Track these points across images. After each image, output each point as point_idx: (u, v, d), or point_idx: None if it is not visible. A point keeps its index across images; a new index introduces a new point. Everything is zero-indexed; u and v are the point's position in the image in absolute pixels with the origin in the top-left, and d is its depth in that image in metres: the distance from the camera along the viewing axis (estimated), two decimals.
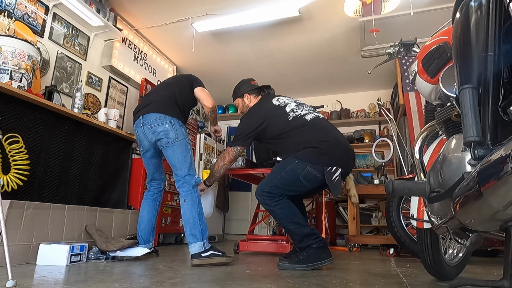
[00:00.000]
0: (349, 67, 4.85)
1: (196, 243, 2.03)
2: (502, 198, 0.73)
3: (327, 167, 2.02)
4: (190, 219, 2.09)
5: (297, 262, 1.91)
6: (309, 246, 1.95)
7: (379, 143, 3.77)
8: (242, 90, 2.48)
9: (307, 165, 2.00)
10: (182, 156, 2.17)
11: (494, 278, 0.97)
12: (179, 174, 2.18)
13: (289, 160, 2.07)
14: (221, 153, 2.26)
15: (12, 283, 1.16)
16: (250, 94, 2.45)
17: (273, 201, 2.01)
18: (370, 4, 3.28)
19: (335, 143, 2.10)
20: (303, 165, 2.01)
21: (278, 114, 2.20)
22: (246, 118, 2.32)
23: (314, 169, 2.00)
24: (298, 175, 2.01)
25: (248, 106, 2.43)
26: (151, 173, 2.42)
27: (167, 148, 2.18)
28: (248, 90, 2.45)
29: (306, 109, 2.26)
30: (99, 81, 3.68)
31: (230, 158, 2.25)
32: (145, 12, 3.78)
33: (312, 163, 2.01)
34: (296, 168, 2.02)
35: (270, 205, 2.02)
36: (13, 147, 1.95)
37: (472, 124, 0.83)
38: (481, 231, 1.06)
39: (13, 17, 2.71)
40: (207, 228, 2.13)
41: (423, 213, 1.42)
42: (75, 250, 1.90)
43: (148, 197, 2.41)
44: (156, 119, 2.20)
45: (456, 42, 1.01)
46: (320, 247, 1.95)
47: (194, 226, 2.07)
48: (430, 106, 1.53)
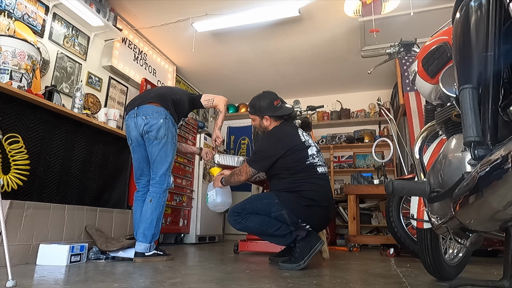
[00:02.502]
0: (349, 67, 4.85)
1: (144, 244, 2.11)
2: (502, 198, 0.73)
3: (302, 222, 2.04)
4: (148, 220, 2.13)
5: (295, 260, 1.95)
6: (295, 239, 2.02)
7: (379, 143, 3.77)
8: (263, 110, 2.28)
9: (284, 210, 2.03)
10: (165, 156, 2.19)
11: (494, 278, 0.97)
12: (156, 172, 2.20)
13: (271, 196, 2.10)
14: (240, 168, 2.27)
15: (12, 283, 1.16)
16: (270, 117, 2.29)
17: (242, 218, 2.08)
18: (370, 4, 3.28)
19: (324, 210, 2.11)
20: (281, 208, 2.03)
21: (300, 151, 2.14)
22: (272, 140, 2.22)
23: (288, 216, 2.03)
24: (271, 212, 2.05)
25: (266, 127, 2.31)
26: (141, 168, 2.34)
27: (153, 143, 2.17)
28: (270, 113, 2.28)
29: (321, 159, 2.24)
30: (99, 81, 3.68)
31: (247, 177, 2.24)
32: (145, 12, 3.78)
33: (290, 210, 2.03)
34: (272, 206, 2.05)
35: (241, 222, 2.08)
36: (13, 147, 1.95)
37: (472, 124, 0.83)
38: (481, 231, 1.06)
39: (13, 17, 2.71)
40: (159, 232, 2.21)
41: (423, 213, 1.42)
42: (75, 250, 1.90)
43: (138, 198, 2.36)
44: (153, 111, 2.17)
45: (456, 42, 1.01)
46: (306, 236, 2.00)
47: (149, 228, 2.13)
48: (430, 106, 1.53)
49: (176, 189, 3.98)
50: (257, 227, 2.06)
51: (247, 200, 2.17)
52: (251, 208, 2.09)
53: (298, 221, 2.03)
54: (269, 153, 2.15)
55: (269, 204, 2.06)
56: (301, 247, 1.97)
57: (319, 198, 2.07)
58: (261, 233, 2.11)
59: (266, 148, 2.20)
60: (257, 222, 2.06)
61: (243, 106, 6.11)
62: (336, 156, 5.67)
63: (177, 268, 1.82)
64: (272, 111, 2.27)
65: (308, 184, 2.08)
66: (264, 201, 2.08)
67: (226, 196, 2.42)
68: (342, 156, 5.69)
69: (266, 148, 2.20)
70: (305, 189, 2.06)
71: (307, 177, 2.10)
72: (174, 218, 3.91)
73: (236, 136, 6.13)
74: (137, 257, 2.08)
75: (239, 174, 2.25)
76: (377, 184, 3.82)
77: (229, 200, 2.45)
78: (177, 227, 3.98)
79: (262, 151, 2.20)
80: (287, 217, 2.03)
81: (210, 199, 2.45)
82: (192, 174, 4.38)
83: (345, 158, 5.68)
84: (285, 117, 2.32)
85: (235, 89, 5.61)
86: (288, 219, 2.03)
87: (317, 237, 2.03)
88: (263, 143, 2.28)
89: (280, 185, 2.13)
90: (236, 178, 2.27)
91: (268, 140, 2.25)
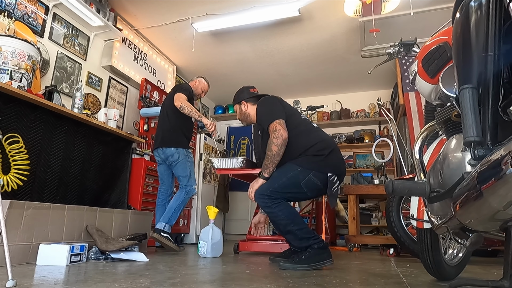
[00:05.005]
0: (349, 67, 4.85)
1: (161, 223, 2.78)
2: (502, 198, 0.73)
3: (330, 176, 2.04)
4: (172, 207, 2.86)
5: (298, 262, 1.89)
6: (310, 246, 1.94)
7: (379, 143, 3.77)
8: (240, 97, 2.47)
9: (310, 173, 2.02)
10: (183, 171, 2.96)
11: (494, 278, 0.97)
12: (181, 183, 2.99)
13: (292, 167, 2.05)
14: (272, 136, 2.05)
15: (12, 283, 1.16)
16: (247, 101, 2.43)
17: (274, 203, 2.00)
18: (370, 4, 3.28)
19: (336, 152, 2.14)
20: (306, 172, 2.02)
21: (292, 110, 2.24)
22: (265, 103, 2.26)
23: (316, 177, 2.02)
24: (300, 181, 2.01)
25: (244, 113, 2.43)
26: (162, 178, 3.08)
27: (174, 166, 2.98)
28: (246, 97, 2.43)
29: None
30: (99, 81, 3.68)
31: (285, 131, 2.05)
32: (145, 12, 3.78)
33: (315, 170, 2.02)
34: (299, 175, 2.02)
35: (271, 207, 2.00)
36: (13, 147, 1.96)
37: (472, 124, 0.83)
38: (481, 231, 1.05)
39: (13, 17, 2.71)
40: (175, 220, 2.87)
41: (423, 213, 1.42)
42: (75, 250, 1.90)
43: (158, 204, 3.05)
44: (165, 151, 2.95)
45: (456, 42, 1.01)
46: (321, 247, 1.94)
47: (168, 212, 2.84)
48: (430, 106, 1.53)
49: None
50: (283, 217, 1.98)
51: (273, 179, 2.06)
52: (280, 187, 2.01)
53: (327, 176, 2.03)
54: (275, 106, 2.19)
55: (294, 176, 2.02)
56: (311, 253, 1.91)
57: (328, 145, 2.10)
58: (284, 225, 2.00)
59: (268, 105, 2.23)
60: (285, 212, 1.99)
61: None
62: None
63: (177, 268, 1.82)
64: (248, 96, 2.44)
65: (313, 137, 2.10)
66: (289, 175, 2.03)
67: (217, 250, 2.55)
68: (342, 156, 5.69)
69: (268, 105, 2.23)
70: (313, 143, 2.07)
71: (309, 132, 2.12)
72: None
73: (236, 136, 6.13)
74: (154, 232, 2.72)
75: (278, 135, 2.03)
76: (377, 184, 3.82)
77: (219, 253, 2.57)
78: (177, 227, 3.98)
79: (267, 109, 2.20)
80: (316, 179, 2.02)
81: (201, 250, 2.52)
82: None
83: (345, 158, 5.68)
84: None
85: (235, 89, 5.52)
86: (318, 181, 2.02)
87: (330, 255, 1.95)
88: (263, 106, 2.25)
89: (292, 154, 2.09)
90: (279, 141, 2.03)
91: (263, 104, 2.26)
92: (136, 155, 3.45)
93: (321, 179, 2.03)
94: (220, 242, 2.59)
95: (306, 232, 1.98)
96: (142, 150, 3.60)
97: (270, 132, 2.09)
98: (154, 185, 3.59)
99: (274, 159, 2.06)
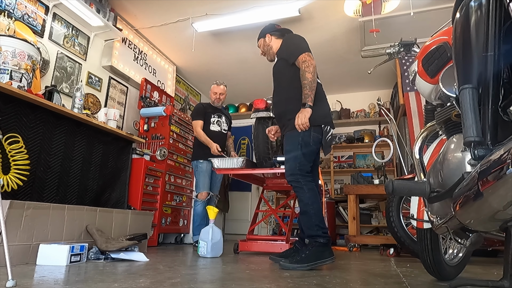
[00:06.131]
0: (349, 67, 4.85)
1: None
2: (502, 198, 0.73)
3: (324, 127, 2.13)
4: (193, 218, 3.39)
5: (298, 261, 1.89)
6: (316, 238, 1.95)
7: (379, 143, 3.77)
8: (265, 30, 2.49)
9: (311, 130, 2.07)
10: (196, 181, 3.45)
11: (494, 278, 0.97)
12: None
13: (295, 135, 2.09)
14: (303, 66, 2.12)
15: (12, 283, 1.16)
16: (272, 35, 2.45)
17: (305, 180, 2.05)
18: (370, 4, 3.28)
19: (325, 101, 2.25)
20: (308, 132, 2.07)
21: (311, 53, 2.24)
22: (294, 37, 2.34)
23: (316, 132, 2.10)
24: (309, 142, 2.08)
25: (268, 45, 2.45)
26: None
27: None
28: (271, 31, 2.46)
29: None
30: (99, 81, 3.68)
31: (314, 60, 2.17)
32: (145, 12, 3.78)
33: (312, 125, 2.07)
34: (304, 137, 2.07)
35: (301, 182, 2.05)
36: (13, 147, 1.95)
37: (472, 124, 0.83)
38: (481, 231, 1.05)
39: (13, 17, 2.71)
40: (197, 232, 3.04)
41: (423, 213, 1.42)
42: (75, 250, 1.90)
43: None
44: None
45: (456, 42, 1.01)
46: (324, 244, 1.95)
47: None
48: (430, 106, 1.53)
49: (176, 189, 3.98)
50: (308, 197, 2.02)
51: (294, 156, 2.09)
52: (306, 160, 2.08)
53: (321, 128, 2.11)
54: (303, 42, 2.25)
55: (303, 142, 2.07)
56: (312, 252, 1.91)
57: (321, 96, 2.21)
58: (304, 204, 2.04)
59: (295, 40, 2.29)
60: (311, 193, 2.03)
61: (243, 106, 6.11)
62: (336, 156, 5.67)
63: (177, 268, 1.82)
64: (272, 29, 2.46)
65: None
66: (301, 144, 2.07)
67: (217, 250, 2.54)
68: (342, 156, 5.69)
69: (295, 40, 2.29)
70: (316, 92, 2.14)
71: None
72: (174, 218, 3.91)
73: (236, 136, 6.12)
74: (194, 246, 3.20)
75: (309, 65, 2.12)
76: (377, 184, 3.82)
77: (219, 253, 2.57)
78: (177, 227, 3.99)
79: (296, 43, 2.27)
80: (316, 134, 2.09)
81: (201, 250, 2.52)
82: (192, 174, 4.38)
83: (345, 158, 5.68)
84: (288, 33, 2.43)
85: (235, 89, 5.60)
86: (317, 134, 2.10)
87: (332, 253, 1.96)
88: (290, 40, 2.32)
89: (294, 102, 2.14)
90: (311, 70, 2.11)
91: (294, 39, 2.31)
92: (136, 155, 3.45)
93: (318, 131, 2.11)
94: (220, 242, 2.59)
95: (319, 221, 2.00)
96: (142, 150, 3.61)
97: (300, 63, 2.15)
98: (154, 185, 3.59)
99: (312, 85, 2.09)
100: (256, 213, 3.25)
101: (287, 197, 3.57)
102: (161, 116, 3.94)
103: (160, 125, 3.98)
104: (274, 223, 5.31)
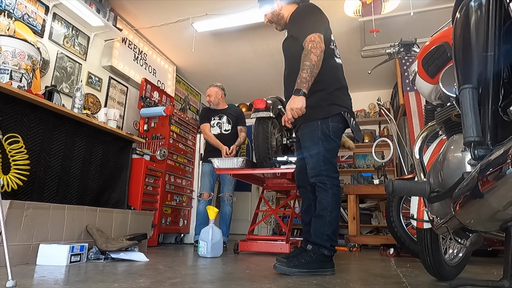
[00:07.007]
0: (349, 67, 4.82)
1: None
2: (502, 198, 0.73)
3: (344, 113, 1.93)
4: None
5: (296, 266, 1.73)
6: (322, 248, 1.78)
7: (379, 143, 3.77)
8: None
9: (328, 120, 1.87)
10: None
11: (494, 278, 0.97)
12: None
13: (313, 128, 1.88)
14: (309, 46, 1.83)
15: (12, 283, 1.16)
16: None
17: (332, 182, 1.84)
18: (370, 4, 3.28)
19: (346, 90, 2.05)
20: (326, 123, 1.87)
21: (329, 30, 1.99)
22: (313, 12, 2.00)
23: (334, 122, 1.89)
24: (329, 135, 1.86)
25: (278, 13, 2.17)
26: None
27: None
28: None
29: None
30: (99, 81, 3.68)
31: (323, 44, 1.87)
32: (145, 12, 3.78)
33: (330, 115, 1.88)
34: (323, 129, 1.86)
35: (327, 185, 1.82)
36: (13, 147, 1.95)
37: (472, 124, 0.83)
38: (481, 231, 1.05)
39: (13, 17, 2.71)
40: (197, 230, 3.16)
41: (423, 213, 1.42)
42: (75, 250, 1.90)
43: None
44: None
45: (456, 42, 1.01)
46: (328, 256, 1.81)
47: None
48: (430, 106, 1.53)
49: (176, 189, 3.98)
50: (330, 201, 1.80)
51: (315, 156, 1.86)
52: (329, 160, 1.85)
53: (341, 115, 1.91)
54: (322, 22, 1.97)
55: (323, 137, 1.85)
56: (313, 259, 1.75)
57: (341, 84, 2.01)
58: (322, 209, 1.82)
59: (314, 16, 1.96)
60: (335, 198, 1.82)
61: (243, 106, 6.10)
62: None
63: (177, 268, 1.82)
64: None
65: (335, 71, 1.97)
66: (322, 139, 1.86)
67: (217, 250, 2.55)
68: (342, 156, 5.69)
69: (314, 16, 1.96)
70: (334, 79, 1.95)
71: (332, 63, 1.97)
72: (174, 218, 3.91)
73: None
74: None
75: (317, 47, 1.82)
76: (377, 184, 3.82)
77: (219, 253, 2.57)
78: (177, 227, 3.99)
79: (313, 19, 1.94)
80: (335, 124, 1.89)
81: (201, 250, 2.52)
82: (192, 174, 4.38)
83: (345, 158, 5.68)
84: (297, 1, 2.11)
85: (235, 89, 5.60)
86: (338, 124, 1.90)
87: (333, 265, 1.81)
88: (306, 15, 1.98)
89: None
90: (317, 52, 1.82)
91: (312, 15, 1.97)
92: (136, 155, 3.45)
93: (339, 120, 1.91)
94: (220, 242, 2.59)
95: (332, 232, 1.81)
96: (142, 150, 3.61)
97: (307, 43, 1.85)
98: (154, 185, 3.59)
99: (313, 70, 1.79)
100: (256, 213, 3.25)
101: (287, 197, 3.57)
102: (161, 116, 3.94)
103: (160, 125, 3.98)
104: (274, 223, 5.31)
